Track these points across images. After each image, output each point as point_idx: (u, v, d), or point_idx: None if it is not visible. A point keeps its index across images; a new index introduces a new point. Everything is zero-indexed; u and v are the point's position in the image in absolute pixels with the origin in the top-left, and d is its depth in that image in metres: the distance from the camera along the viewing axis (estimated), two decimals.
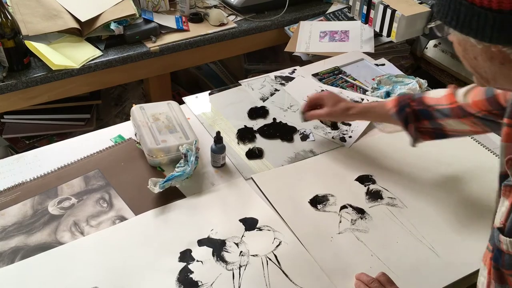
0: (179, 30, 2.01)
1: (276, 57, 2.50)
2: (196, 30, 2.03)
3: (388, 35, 1.91)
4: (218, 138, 1.31)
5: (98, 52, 1.85)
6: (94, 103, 2.11)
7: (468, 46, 0.72)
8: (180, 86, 2.49)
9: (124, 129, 1.46)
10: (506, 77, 0.73)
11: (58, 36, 1.85)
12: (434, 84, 1.85)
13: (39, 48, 1.73)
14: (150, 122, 1.37)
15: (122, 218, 1.18)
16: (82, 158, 1.34)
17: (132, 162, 1.34)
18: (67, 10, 1.90)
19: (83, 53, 1.83)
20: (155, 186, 1.21)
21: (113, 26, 1.89)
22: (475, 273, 1.07)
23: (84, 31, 1.89)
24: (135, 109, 1.41)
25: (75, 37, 1.88)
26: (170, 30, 2.00)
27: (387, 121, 1.33)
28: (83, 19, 1.88)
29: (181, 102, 1.55)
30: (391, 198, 1.27)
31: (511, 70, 0.71)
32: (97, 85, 1.91)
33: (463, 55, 0.75)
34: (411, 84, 1.57)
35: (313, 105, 1.40)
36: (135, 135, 1.41)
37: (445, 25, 0.70)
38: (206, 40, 2.02)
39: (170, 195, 1.24)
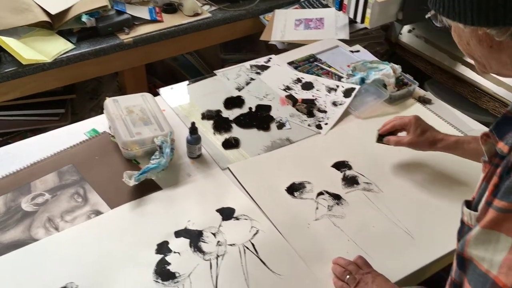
0: (153, 21, 1.99)
1: (252, 46, 2.49)
2: (170, 21, 2.01)
3: (362, 21, 1.92)
4: (193, 129, 1.30)
5: (70, 45, 1.81)
6: (68, 98, 2.07)
7: (460, 32, 0.75)
8: (157, 78, 2.47)
9: (98, 123, 1.44)
10: (497, 61, 0.75)
11: (28, 30, 1.81)
12: (409, 69, 1.87)
13: (9, 43, 1.69)
14: (124, 115, 1.35)
15: (98, 212, 1.17)
16: (55, 153, 1.32)
17: (107, 155, 1.32)
18: (36, 3, 1.86)
19: (54, 47, 1.80)
20: (130, 179, 1.20)
21: (84, 18, 1.86)
22: (449, 254, 1.09)
23: (55, 24, 1.85)
24: (109, 102, 1.39)
25: (46, 31, 1.84)
26: (144, 21, 1.98)
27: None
28: (53, 12, 1.84)
29: (157, 94, 1.54)
30: (367, 183, 1.28)
31: (500, 53, 0.73)
32: (70, 79, 1.88)
33: (458, 42, 0.78)
34: (385, 70, 1.58)
35: (394, 129, 1.29)
36: (109, 128, 1.39)
37: (436, 12, 0.74)
38: (180, 30, 2.00)
39: (146, 188, 1.23)
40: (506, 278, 0.66)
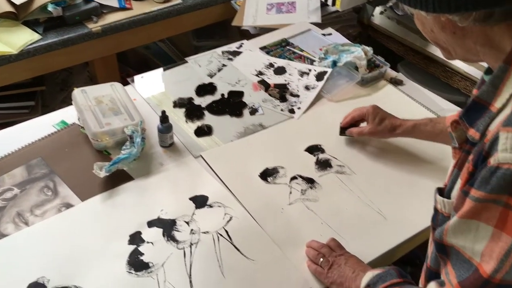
0: (122, 8, 1.95)
1: (225, 32, 2.46)
2: (139, 8, 1.97)
3: (334, 4, 1.91)
4: (163, 118, 1.28)
5: (36, 36, 1.77)
6: (38, 89, 2.03)
7: (423, 19, 0.74)
8: (129, 67, 2.42)
9: (68, 114, 1.41)
10: (462, 47, 0.74)
11: None
12: (382, 51, 1.87)
13: None
14: (93, 105, 1.33)
15: (68, 205, 1.15)
16: (23, 147, 1.29)
17: (77, 147, 1.30)
18: None
19: (20, 38, 1.75)
20: (101, 170, 1.18)
21: (50, 7, 1.81)
22: (421, 233, 1.11)
23: (20, 14, 1.80)
24: (77, 92, 1.37)
25: (11, 21, 1.79)
26: (112, 9, 1.93)
27: (441, 140, 1.20)
28: (18, 2, 1.78)
29: (128, 83, 1.51)
30: (340, 166, 1.28)
31: (464, 38, 0.72)
32: (39, 70, 1.84)
33: (422, 29, 0.77)
34: (357, 52, 1.58)
35: (355, 121, 1.32)
36: (79, 119, 1.36)
37: (397, 0, 0.72)
38: (150, 18, 1.97)
39: (117, 179, 1.22)
40: (487, 266, 0.66)
